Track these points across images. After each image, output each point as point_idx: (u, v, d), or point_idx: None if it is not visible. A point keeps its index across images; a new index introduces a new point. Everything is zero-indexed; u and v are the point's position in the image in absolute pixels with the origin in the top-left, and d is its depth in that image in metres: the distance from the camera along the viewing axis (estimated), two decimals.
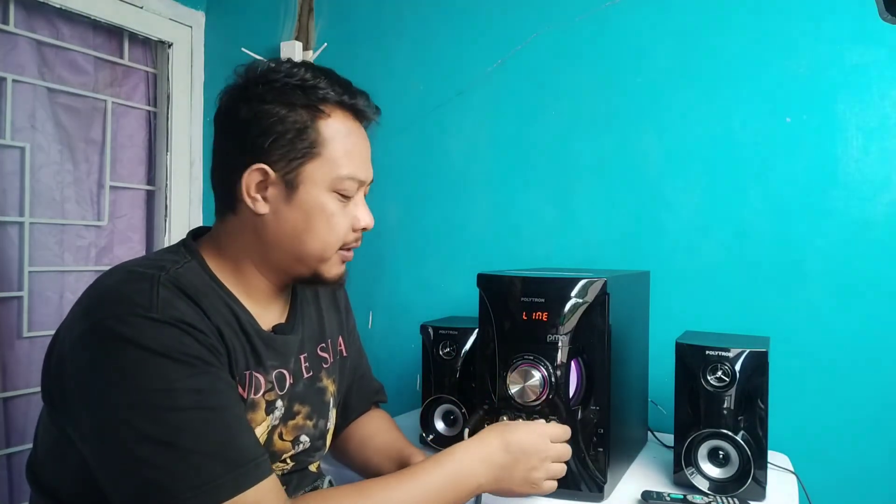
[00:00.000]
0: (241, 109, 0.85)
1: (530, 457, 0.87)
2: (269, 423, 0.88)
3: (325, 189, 0.86)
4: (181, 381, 0.72)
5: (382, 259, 1.69)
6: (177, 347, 0.73)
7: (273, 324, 0.93)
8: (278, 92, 0.85)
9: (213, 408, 0.74)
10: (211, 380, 0.75)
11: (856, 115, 1.25)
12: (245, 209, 0.86)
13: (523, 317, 1.01)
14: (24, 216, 1.55)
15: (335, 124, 0.87)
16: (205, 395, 0.73)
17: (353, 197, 0.90)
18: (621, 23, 1.44)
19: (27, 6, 1.56)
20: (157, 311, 0.74)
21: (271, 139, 0.84)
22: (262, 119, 0.84)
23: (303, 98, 0.85)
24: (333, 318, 1.08)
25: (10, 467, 1.55)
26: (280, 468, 0.93)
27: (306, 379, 0.96)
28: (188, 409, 0.72)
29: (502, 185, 1.56)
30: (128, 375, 0.71)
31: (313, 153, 0.85)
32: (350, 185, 0.88)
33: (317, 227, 0.87)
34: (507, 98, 1.56)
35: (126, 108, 1.80)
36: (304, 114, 0.85)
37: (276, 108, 0.84)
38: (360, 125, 0.91)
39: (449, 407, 1.23)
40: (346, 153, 0.87)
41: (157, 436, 0.70)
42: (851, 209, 1.25)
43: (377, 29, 1.72)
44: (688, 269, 1.37)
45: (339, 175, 0.86)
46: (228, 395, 0.77)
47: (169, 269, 0.80)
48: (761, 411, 1.00)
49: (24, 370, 1.55)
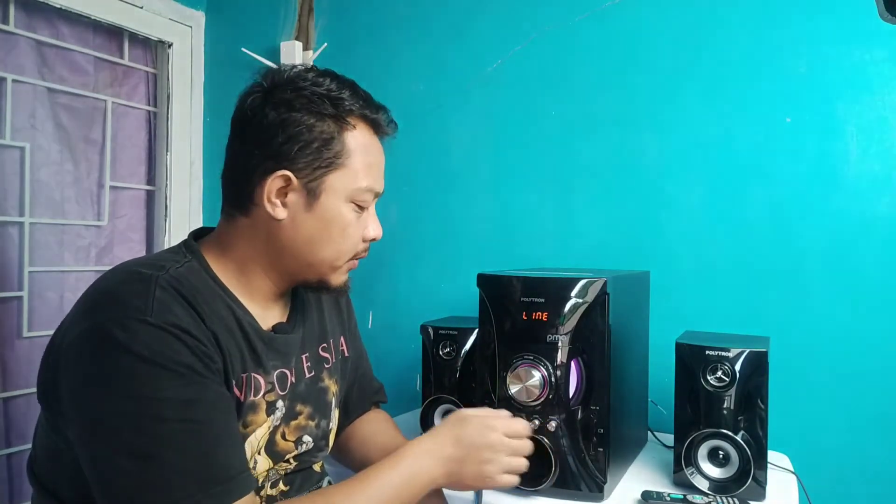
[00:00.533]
0: (269, 114, 0.84)
1: (481, 450, 0.87)
2: (270, 424, 0.88)
3: (344, 199, 0.87)
4: (169, 390, 0.72)
5: (382, 259, 1.69)
6: (168, 355, 0.72)
7: (274, 323, 0.93)
8: (307, 100, 0.85)
9: (198, 420, 0.73)
10: (199, 390, 0.74)
11: (856, 115, 1.25)
12: (260, 213, 0.86)
13: (523, 317, 1.01)
14: (24, 216, 1.55)
15: (360, 137, 0.88)
16: (192, 406, 0.73)
17: (368, 208, 0.91)
18: (621, 23, 1.44)
19: (27, 6, 1.56)
20: (152, 315, 0.73)
21: (298, 146, 0.84)
22: (290, 126, 0.84)
23: (330, 108, 0.85)
24: (335, 319, 1.09)
25: (10, 467, 1.55)
26: (283, 468, 0.93)
27: (308, 379, 0.96)
28: (173, 420, 0.71)
29: (502, 185, 1.56)
30: (118, 382, 0.71)
31: (337, 164, 0.86)
32: (367, 197, 0.90)
33: (333, 236, 0.88)
34: (507, 98, 1.56)
35: (126, 108, 1.80)
36: (332, 124, 0.85)
37: (304, 116, 0.84)
38: (378, 139, 0.92)
39: (449, 407, 1.23)
40: (368, 166, 0.89)
41: (139, 447, 0.70)
42: (851, 209, 1.25)
43: (377, 29, 1.72)
44: (688, 269, 1.37)
45: (360, 187, 0.88)
46: (216, 407, 0.76)
47: (168, 269, 0.80)
48: (761, 411, 1.00)
49: (24, 370, 1.55)
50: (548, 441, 0.99)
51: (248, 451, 0.84)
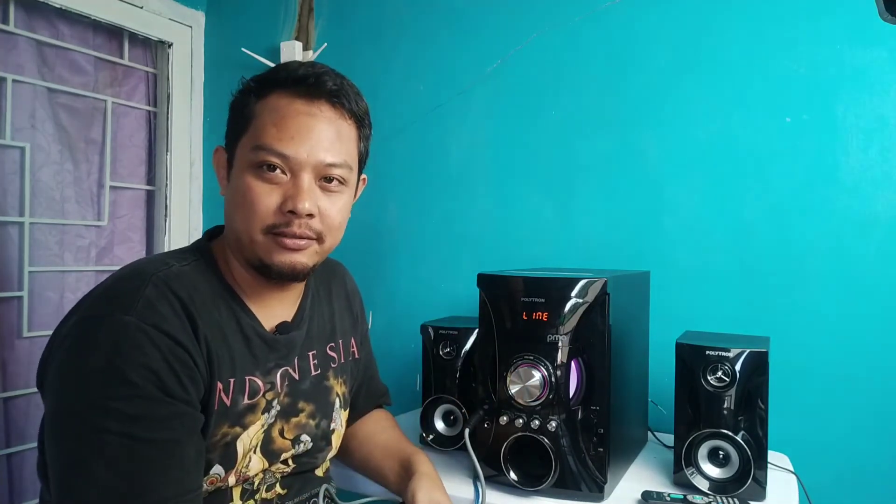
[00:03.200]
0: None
1: None
2: (264, 422, 0.87)
3: (247, 165, 0.83)
4: (119, 402, 0.71)
5: (382, 259, 1.69)
6: (135, 357, 0.72)
7: (278, 322, 0.92)
8: (253, 82, 0.88)
9: (138, 438, 0.71)
10: (151, 407, 0.72)
11: (856, 115, 1.25)
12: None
13: (523, 317, 1.01)
14: (24, 216, 1.55)
15: (271, 102, 0.85)
16: (136, 422, 0.71)
17: (291, 178, 0.83)
18: (621, 23, 1.44)
19: (27, 6, 1.56)
20: (135, 312, 0.73)
21: (229, 124, 0.89)
22: (231, 107, 0.89)
23: (256, 84, 0.87)
24: (347, 320, 1.08)
25: (10, 467, 1.55)
26: (280, 470, 0.92)
27: (313, 377, 0.96)
28: (112, 433, 0.70)
29: (502, 185, 1.56)
30: (78, 381, 0.72)
31: (243, 129, 0.86)
32: (270, 158, 0.82)
33: (239, 205, 0.84)
34: (507, 98, 1.56)
35: (126, 108, 1.80)
36: (251, 96, 0.87)
37: (237, 96, 0.89)
38: (310, 106, 0.84)
39: (449, 407, 1.23)
40: (272, 124, 0.83)
41: (74, 451, 0.70)
42: (851, 209, 1.25)
43: (377, 29, 1.72)
44: (688, 269, 1.37)
45: (257, 144, 0.82)
46: (166, 427, 0.73)
47: (171, 267, 0.80)
48: (761, 411, 1.00)
49: (24, 370, 1.55)
50: (548, 441, 0.99)
51: (240, 450, 0.83)
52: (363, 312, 1.16)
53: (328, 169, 0.85)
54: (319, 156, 0.84)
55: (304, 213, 0.82)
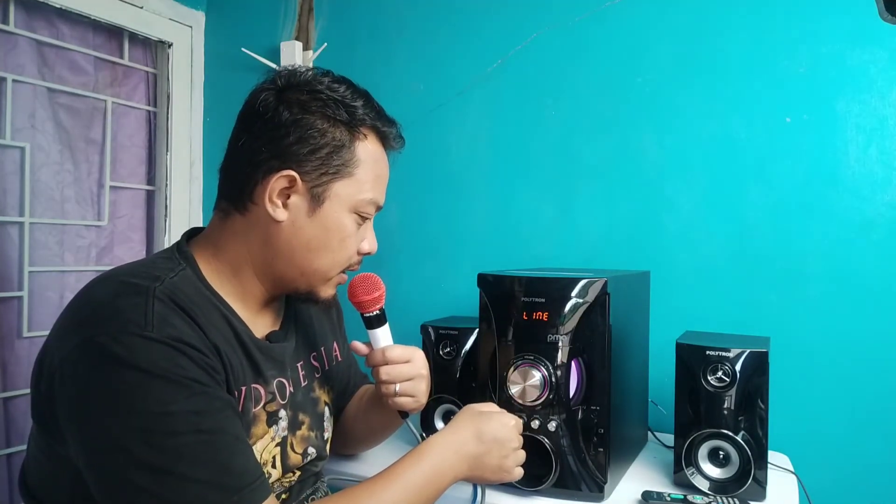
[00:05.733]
0: (282, 113, 0.83)
1: (503, 446, 0.90)
2: (273, 435, 0.87)
3: (347, 209, 0.87)
4: (178, 403, 0.70)
5: (382, 259, 1.68)
6: (172, 369, 0.70)
7: (267, 331, 0.92)
8: (322, 103, 0.84)
9: (210, 430, 0.72)
10: (208, 401, 0.73)
11: (856, 115, 1.25)
12: (258, 212, 0.85)
13: (524, 317, 1.01)
14: (24, 216, 1.54)
15: (370, 148, 0.88)
16: (202, 417, 0.71)
17: (365, 221, 0.91)
18: (621, 23, 1.44)
19: (27, 6, 1.56)
20: (153, 329, 0.71)
21: (308, 149, 0.83)
22: (302, 127, 0.83)
23: (345, 115, 0.85)
24: (325, 325, 1.09)
25: (10, 467, 1.55)
26: (289, 479, 0.92)
27: (303, 388, 0.96)
28: (185, 433, 0.70)
29: (502, 185, 1.56)
30: (122, 398, 0.69)
31: (345, 172, 0.85)
32: (370, 210, 0.89)
33: (331, 245, 0.87)
34: (507, 98, 1.55)
35: (126, 108, 1.80)
36: (345, 132, 0.85)
37: (317, 120, 0.84)
38: (385, 152, 0.92)
39: (449, 407, 1.23)
40: (375, 178, 0.89)
41: (155, 463, 0.68)
42: (851, 209, 1.25)
43: (377, 29, 1.72)
44: (688, 269, 1.37)
45: (365, 198, 0.87)
46: (226, 416, 0.74)
47: (164, 280, 0.77)
48: (761, 411, 1.00)
49: (24, 370, 1.55)
50: (548, 441, 0.99)
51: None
52: (340, 312, 1.16)
53: None
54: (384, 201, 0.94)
55: (374, 254, 0.93)
